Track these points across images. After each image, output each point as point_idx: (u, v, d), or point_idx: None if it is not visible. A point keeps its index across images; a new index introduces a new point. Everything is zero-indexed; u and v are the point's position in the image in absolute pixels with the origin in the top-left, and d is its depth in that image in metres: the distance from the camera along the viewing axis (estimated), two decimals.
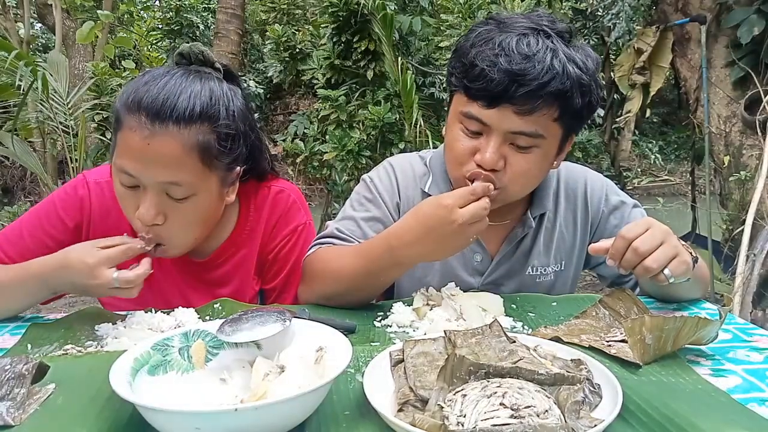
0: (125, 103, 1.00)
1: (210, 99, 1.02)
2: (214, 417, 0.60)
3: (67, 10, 7.33)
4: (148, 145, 0.98)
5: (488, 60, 1.02)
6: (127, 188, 1.03)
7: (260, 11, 7.97)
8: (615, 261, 0.97)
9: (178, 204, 1.03)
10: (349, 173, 4.27)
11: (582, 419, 0.63)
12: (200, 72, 1.06)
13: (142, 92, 0.99)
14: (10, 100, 4.67)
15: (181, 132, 0.99)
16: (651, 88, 4.14)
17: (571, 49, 1.05)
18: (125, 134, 0.99)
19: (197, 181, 1.03)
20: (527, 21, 1.06)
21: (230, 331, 0.79)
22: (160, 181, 1.01)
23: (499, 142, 1.06)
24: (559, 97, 1.02)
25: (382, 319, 1.04)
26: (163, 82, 1.01)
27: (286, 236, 1.25)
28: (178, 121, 0.98)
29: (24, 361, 0.77)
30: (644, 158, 10.10)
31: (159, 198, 1.02)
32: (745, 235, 2.91)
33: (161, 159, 0.99)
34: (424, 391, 0.69)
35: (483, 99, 1.04)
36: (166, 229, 1.05)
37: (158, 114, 0.97)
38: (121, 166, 1.01)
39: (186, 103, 0.99)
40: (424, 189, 1.25)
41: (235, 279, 1.25)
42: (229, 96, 1.06)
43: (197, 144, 1.00)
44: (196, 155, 1.01)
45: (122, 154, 1.01)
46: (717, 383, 0.79)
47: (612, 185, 1.33)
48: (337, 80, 4.53)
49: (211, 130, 1.02)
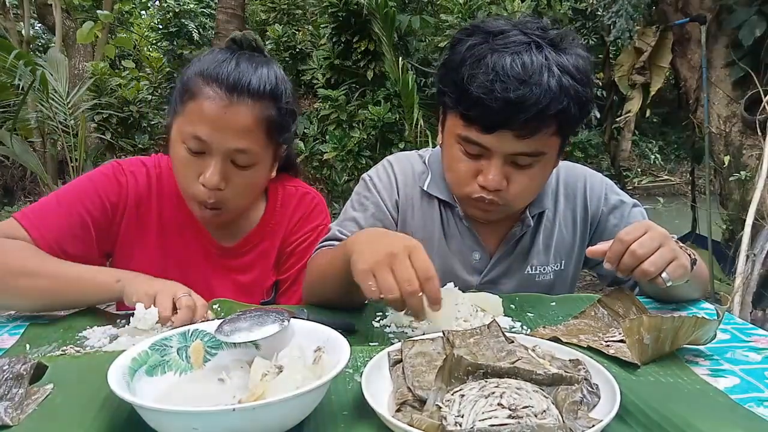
0: (201, 75, 1.10)
1: (276, 80, 1.15)
2: (213, 417, 0.60)
3: (67, 10, 7.33)
4: (225, 113, 1.08)
5: (483, 87, 0.99)
6: (192, 154, 1.11)
7: (260, 11, 7.97)
8: (612, 264, 0.97)
9: (240, 171, 1.14)
10: (349, 173, 4.28)
11: (580, 419, 0.63)
12: (260, 57, 1.18)
13: (219, 67, 1.10)
14: (10, 100, 4.67)
15: (254, 104, 1.10)
16: (651, 88, 4.14)
17: (563, 55, 1.02)
18: (201, 103, 1.08)
19: (260, 151, 1.14)
20: (517, 32, 1.03)
21: (228, 331, 0.79)
22: (231, 148, 1.10)
23: (500, 164, 1.06)
24: (558, 114, 1.01)
25: (380, 319, 1.04)
26: (234, 62, 1.12)
27: (307, 233, 1.31)
28: (252, 95, 1.10)
29: (22, 361, 0.77)
30: (644, 158, 10.10)
31: (225, 165, 1.11)
32: (745, 235, 2.91)
33: (235, 126, 1.09)
34: (422, 391, 0.69)
35: (480, 124, 1.03)
36: (225, 194, 1.14)
37: (235, 87, 1.08)
38: (192, 132, 1.09)
39: (258, 81, 1.11)
40: (423, 187, 1.25)
41: (256, 268, 1.30)
42: (286, 80, 1.19)
43: (265, 117, 1.12)
44: (263, 127, 1.12)
45: (196, 121, 1.09)
46: (715, 383, 0.79)
47: (611, 184, 1.33)
48: (337, 80, 4.54)
49: (276, 107, 1.14)
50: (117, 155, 5.56)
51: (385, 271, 0.83)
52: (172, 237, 1.26)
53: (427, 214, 1.25)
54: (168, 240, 1.25)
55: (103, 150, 5.77)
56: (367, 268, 0.84)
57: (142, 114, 5.87)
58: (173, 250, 1.26)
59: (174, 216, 1.25)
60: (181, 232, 1.26)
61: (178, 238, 1.26)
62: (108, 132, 5.62)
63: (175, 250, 1.26)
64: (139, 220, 1.24)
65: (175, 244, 1.26)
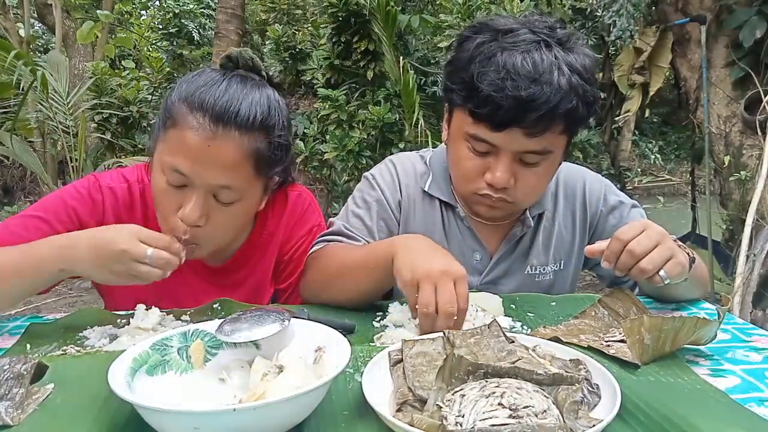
0: (185, 101, 1.01)
1: (268, 109, 1.05)
2: (213, 417, 0.60)
3: (67, 10, 7.33)
4: (209, 147, 0.98)
5: (494, 84, 0.99)
6: (172, 187, 1.03)
7: (260, 11, 7.96)
8: (610, 263, 0.97)
9: (222, 207, 1.05)
10: (349, 173, 4.27)
11: (580, 419, 0.63)
12: (255, 80, 1.08)
13: (204, 93, 1.00)
14: (11, 100, 4.67)
15: (242, 137, 1.00)
16: (650, 87, 4.14)
17: (570, 54, 1.03)
18: (184, 133, 0.99)
19: (246, 186, 1.05)
20: (526, 30, 1.03)
21: (229, 330, 0.79)
22: (214, 184, 1.01)
23: (508, 162, 1.06)
24: (567, 113, 1.02)
25: (381, 319, 1.04)
26: (224, 86, 1.02)
27: (302, 237, 1.27)
28: (240, 126, 1.00)
29: (23, 361, 0.77)
30: (644, 158, 10.09)
31: (206, 200, 1.03)
32: (745, 235, 2.91)
33: (219, 162, 0.99)
34: (422, 391, 0.69)
35: (490, 122, 1.03)
36: (204, 230, 1.05)
37: (221, 117, 0.99)
38: (172, 165, 1.00)
39: (248, 110, 1.01)
40: (424, 188, 1.25)
41: (251, 282, 1.25)
42: (281, 106, 1.09)
43: (254, 151, 1.02)
44: (251, 162, 1.03)
45: (176, 153, 1.00)
46: (716, 383, 0.79)
47: (610, 185, 1.33)
48: (337, 80, 4.53)
49: (267, 140, 1.04)
50: (117, 155, 5.55)
51: (430, 287, 0.89)
52: None
53: (429, 214, 1.25)
54: None
55: (103, 150, 5.76)
56: (414, 279, 0.91)
57: (142, 114, 5.87)
58: None
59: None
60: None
61: None
62: (108, 132, 5.62)
63: None
64: None
65: None
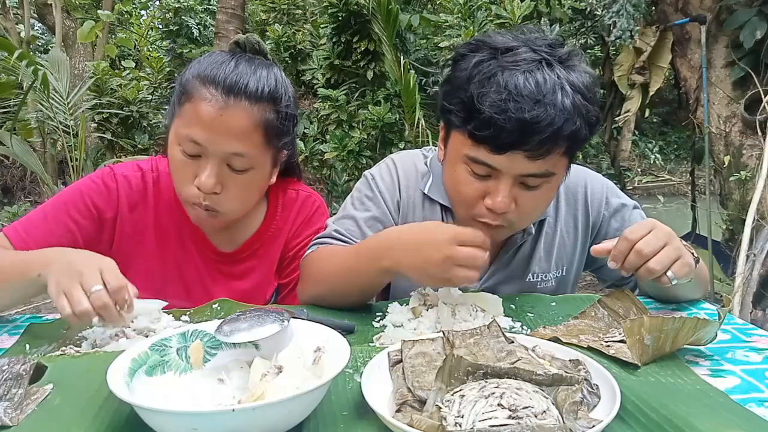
0: (198, 77, 1.08)
1: (275, 83, 1.12)
2: (212, 417, 0.60)
3: (67, 9, 7.32)
4: (221, 116, 1.06)
5: (496, 106, 0.95)
6: (188, 157, 1.09)
7: (260, 11, 7.96)
8: (617, 263, 0.96)
9: (236, 175, 1.11)
10: (350, 173, 4.28)
11: (580, 420, 0.63)
12: (262, 60, 1.16)
13: (216, 69, 1.08)
14: (11, 100, 4.67)
15: (251, 107, 1.08)
16: (650, 87, 4.14)
17: (572, 73, 1.00)
18: (197, 105, 1.07)
19: (258, 155, 1.12)
20: (526, 49, 1.00)
21: (228, 331, 0.79)
22: (227, 151, 1.08)
23: (509, 185, 1.01)
24: (570, 135, 0.98)
25: (380, 319, 1.04)
26: (234, 64, 1.10)
27: (309, 236, 1.29)
28: (250, 97, 1.08)
29: (22, 362, 0.77)
30: (644, 158, 10.09)
31: (220, 168, 1.10)
32: (745, 235, 2.91)
33: (231, 130, 1.07)
34: (422, 391, 0.69)
35: (491, 145, 0.99)
36: (221, 198, 1.12)
37: (232, 89, 1.07)
38: (188, 135, 1.07)
39: (257, 83, 1.09)
40: (424, 190, 1.22)
41: (256, 274, 1.28)
42: (288, 83, 1.17)
43: (263, 120, 1.10)
44: (261, 131, 1.10)
45: (192, 123, 1.07)
46: (715, 384, 0.79)
47: (612, 187, 1.31)
48: (337, 80, 4.54)
49: (275, 110, 1.12)
50: (117, 155, 5.55)
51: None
52: (170, 243, 1.23)
53: (429, 217, 1.22)
54: (166, 246, 1.23)
55: (103, 150, 5.76)
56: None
57: (143, 114, 5.87)
58: (171, 256, 1.23)
59: (172, 221, 1.23)
60: (180, 237, 1.24)
61: (176, 244, 1.24)
62: (108, 132, 5.62)
63: (174, 256, 1.24)
64: (134, 226, 1.21)
65: (174, 250, 1.24)
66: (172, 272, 1.22)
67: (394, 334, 0.97)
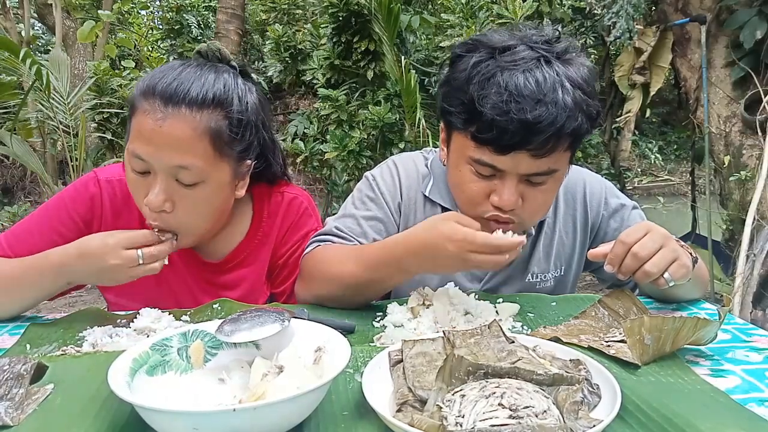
0: (141, 90, 1.03)
1: (223, 87, 1.04)
2: (213, 417, 0.60)
3: (67, 9, 7.32)
4: (160, 128, 0.99)
5: (497, 108, 0.95)
6: (138, 174, 1.04)
7: (260, 11, 7.96)
8: (614, 267, 0.96)
9: (187, 191, 1.03)
10: (350, 173, 4.27)
11: (580, 419, 0.63)
12: (216, 66, 1.08)
13: (157, 79, 1.02)
14: (11, 100, 4.67)
15: (193, 115, 1.00)
16: (651, 88, 4.14)
17: (570, 68, 0.99)
18: (139, 118, 1.01)
19: (207, 166, 1.03)
20: (524, 47, 0.99)
21: (229, 331, 0.79)
22: (170, 165, 1.01)
23: (515, 183, 1.02)
24: (573, 131, 0.98)
25: (380, 319, 1.04)
26: (179, 70, 1.04)
27: (297, 241, 1.26)
28: (191, 104, 1.00)
29: (23, 361, 0.77)
30: (644, 158, 10.10)
31: (168, 183, 1.02)
32: (745, 235, 2.91)
33: (172, 141, 0.99)
34: (422, 391, 0.69)
35: (494, 146, 0.99)
36: (174, 216, 1.05)
37: (171, 97, 1.00)
38: (132, 151, 1.02)
39: (199, 89, 1.01)
40: (425, 192, 1.22)
41: (246, 283, 1.25)
42: (243, 89, 1.08)
43: (209, 129, 1.02)
44: (207, 140, 1.02)
45: (134, 138, 1.02)
46: (716, 383, 0.79)
47: (611, 187, 1.31)
48: (337, 80, 4.53)
49: (224, 117, 1.04)
50: (117, 155, 5.55)
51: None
52: None
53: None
54: None
55: (104, 150, 5.76)
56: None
57: None
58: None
59: None
60: None
61: None
62: (108, 132, 5.61)
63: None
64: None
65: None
66: (161, 283, 1.17)
67: (394, 333, 0.96)
